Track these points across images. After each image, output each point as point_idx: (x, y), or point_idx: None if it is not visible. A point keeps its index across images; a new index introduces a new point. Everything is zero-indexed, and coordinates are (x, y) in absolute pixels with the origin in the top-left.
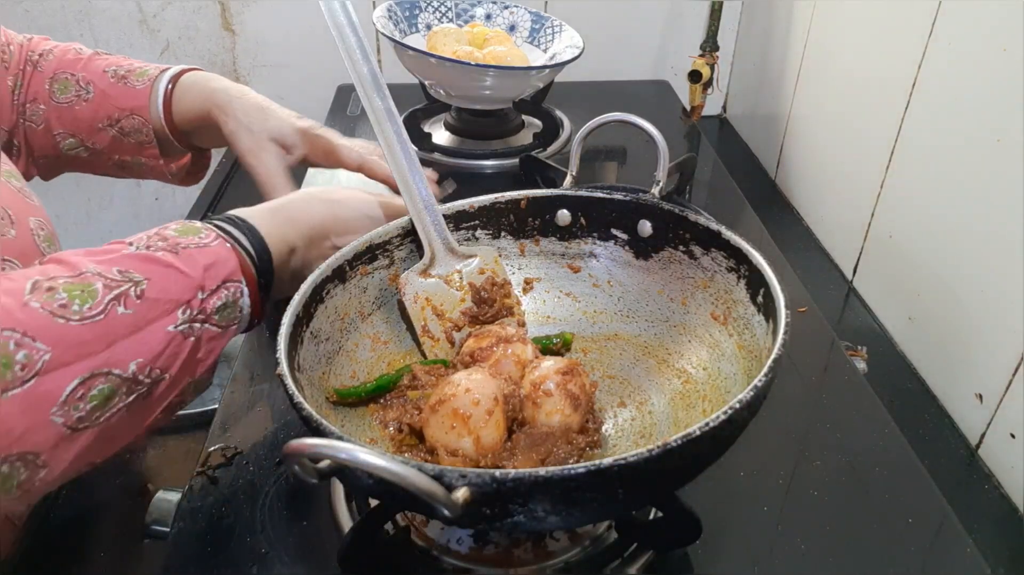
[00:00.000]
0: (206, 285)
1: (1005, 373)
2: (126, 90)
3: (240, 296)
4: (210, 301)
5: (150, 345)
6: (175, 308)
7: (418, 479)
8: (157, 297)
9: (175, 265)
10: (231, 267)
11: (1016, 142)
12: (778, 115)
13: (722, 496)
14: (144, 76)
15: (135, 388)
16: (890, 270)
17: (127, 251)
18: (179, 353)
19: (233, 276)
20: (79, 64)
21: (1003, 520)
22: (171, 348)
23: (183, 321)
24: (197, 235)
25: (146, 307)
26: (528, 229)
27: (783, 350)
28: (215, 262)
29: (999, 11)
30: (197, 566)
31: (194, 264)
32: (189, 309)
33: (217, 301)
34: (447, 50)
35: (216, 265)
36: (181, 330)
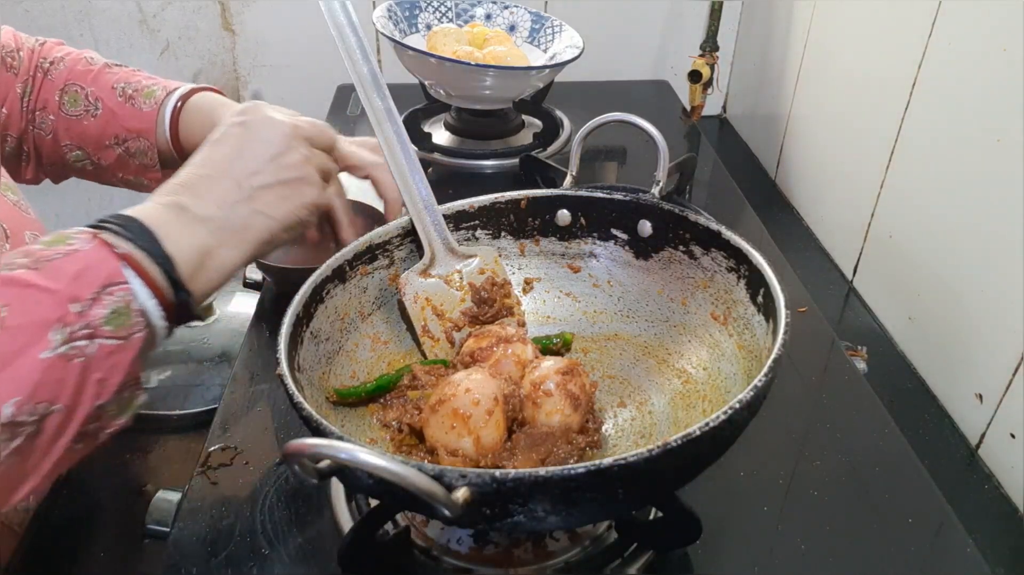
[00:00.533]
0: (80, 295)
1: (1005, 373)
2: (133, 111)
3: (132, 299)
4: (92, 312)
5: (24, 379)
6: (45, 330)
7: (418, 479)
8: (19, 323)
9: (35, 283)
10: (109, 269)
11: (1016, 142)
12: (778, 115)
13: (722, 496)
14: (151, 98)
15: (18, 431)
16: (890, 270)
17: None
18: (65, 379)
19: (114, 278)
20: (89, 77)
21: (1003, 520)
22: (51, 377)
23: (60, 343)
24: (65, 242)
25: (8, 338)
26: (528, 229)
27: (783, 350)
28: (86, 267)
29: (999, 11)
30: (197, 566)
31: (59, 276)
32: (64, 327)
33: (102, 310)
34: (447, 50)
35: (88, 270)
36: (60, 353)
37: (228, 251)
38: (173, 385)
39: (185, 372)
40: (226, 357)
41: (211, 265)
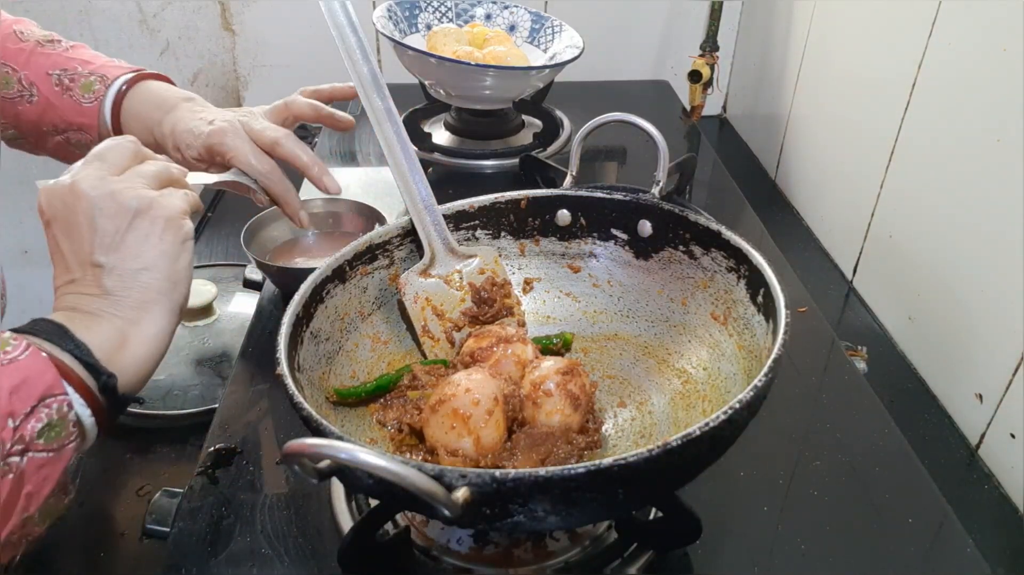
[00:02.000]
0: (16, 410)
1: (1005, 373)
2: (72, 104)
3: (68, 410)
4: (27, 426)
5: None
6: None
7: (418, 479)
8: None
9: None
10: (48, 380)
11: (1016, 142)
12: (778, 115)
13: (722, 496)
14: (90, 91)
15: None
16: (890, 270)
17: None
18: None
19: (53, 390)
20: (22, 58)
21: (1003, 520)
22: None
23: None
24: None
25: None
26: (528, 229)
27: (783, 350)
28: (25, 380)
29: (999, 11)
30: (197, 566)
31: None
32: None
33: (37, 424)
34: (447, 50)
35: (27, 383)
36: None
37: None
38: (173, 385)
39: (185, 372)
40: (226, 357)
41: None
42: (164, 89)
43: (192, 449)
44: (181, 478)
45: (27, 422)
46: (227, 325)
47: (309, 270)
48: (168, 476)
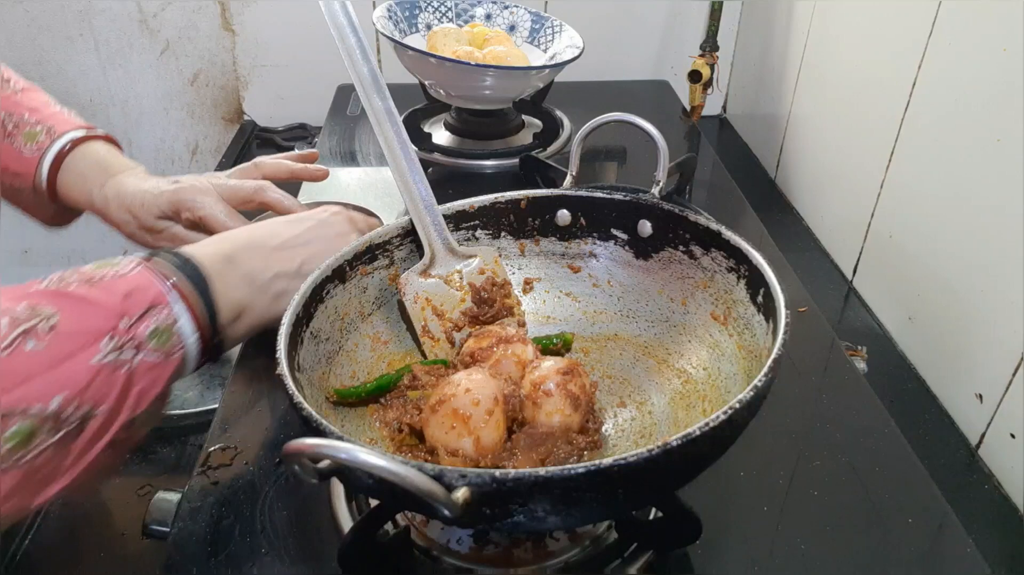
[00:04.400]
0: (129, 311)
1: (1005, 373)
2: (11, 151)
3: (174, 321)
4: (139, 327)
5: (73, 379)
6: (96, 339)
7: (418, 479)
8: (72, 330)
9: (88, 297)
10: (153, 293)
11: (1016, 142)
12: (778, 115)
13: (722, 496)
14: (33, 141)
15: (60, 425)
16: (890, 270)
17: (38, 288)
18: (110, 386)
19: (158, 301)
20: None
21: (1003, 520)
22: (99, 381)
23: (109, 351)
24: (114, 267)
25: (61, 340)
26: (528, 229)
27: (783, 350)
28: (135, 288)
29: (999, 11)
30: (197, 566)
31: (111, 292)
32: (115, 337)
33: (147, 326)
34: (447, 50)
35: (137, 291)
36: (109, 361)
37: (256, 314)
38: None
39: None
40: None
41: (242, 321)
42: (110, 154)
43: (192, 449)
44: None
45: (139, 324)
46: None
47: None
48: (168, 476)
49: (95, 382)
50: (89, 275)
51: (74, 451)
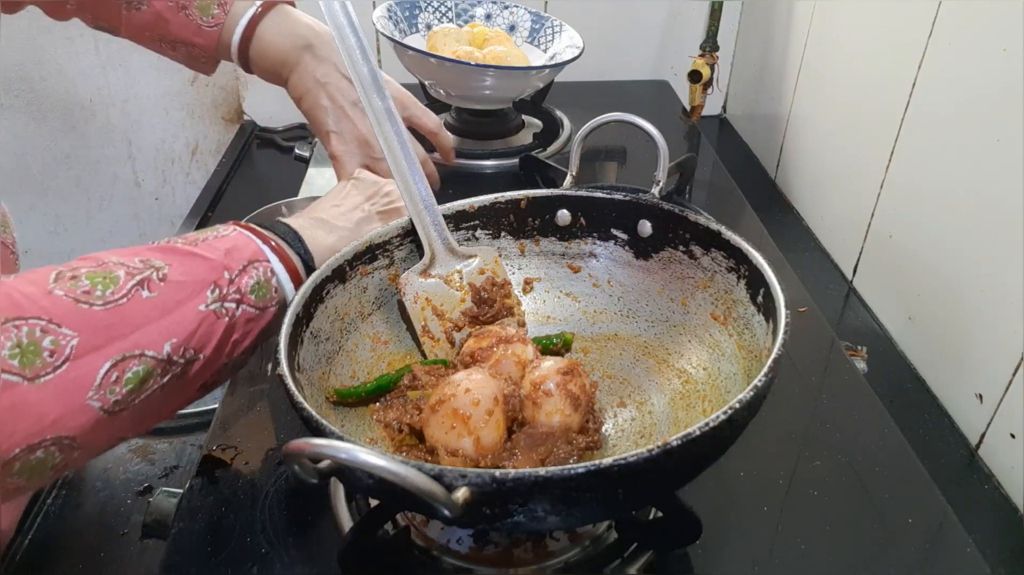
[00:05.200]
0: (231, 266)
1: (1005, 373)
2: (189, 24)
3: (272, 275)
4: (241, 281)
5: (182, 325)
6: (203, 288)
7: (418, 479)
8: (182, 279)
9: (194, 252)
10: (253, 249)
11: (1016, 142)
12: (778, 115)
13: (722, 496)
14: (208, 14)
15: (169, 368)
16: (890, 270)
17: (148, 246)
18: (213, 332)
19: (257, 256)
20: None
21: (1003, 520)
22: (204, 327)
23: (213, 300)
24: (215, 232)
25: (172, 289)
26: (528, 229)
27: (783, 350)
28: (234, 246)
29: (999, 11)
30: (197, 566)
31: (214, 250)
32: (218, 288)
33: (249, 280)
34: (447, 50)
35: (236, 249)
36: (213, 309)
37: None
38: None
39: None
40: None
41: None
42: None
43: (192, 449)
44: (181, 478)
45: (241, 277)
46: None
47: None
48: (168, 476)
49: (200, 328)
50: (192, 238)
51: (176, 392)
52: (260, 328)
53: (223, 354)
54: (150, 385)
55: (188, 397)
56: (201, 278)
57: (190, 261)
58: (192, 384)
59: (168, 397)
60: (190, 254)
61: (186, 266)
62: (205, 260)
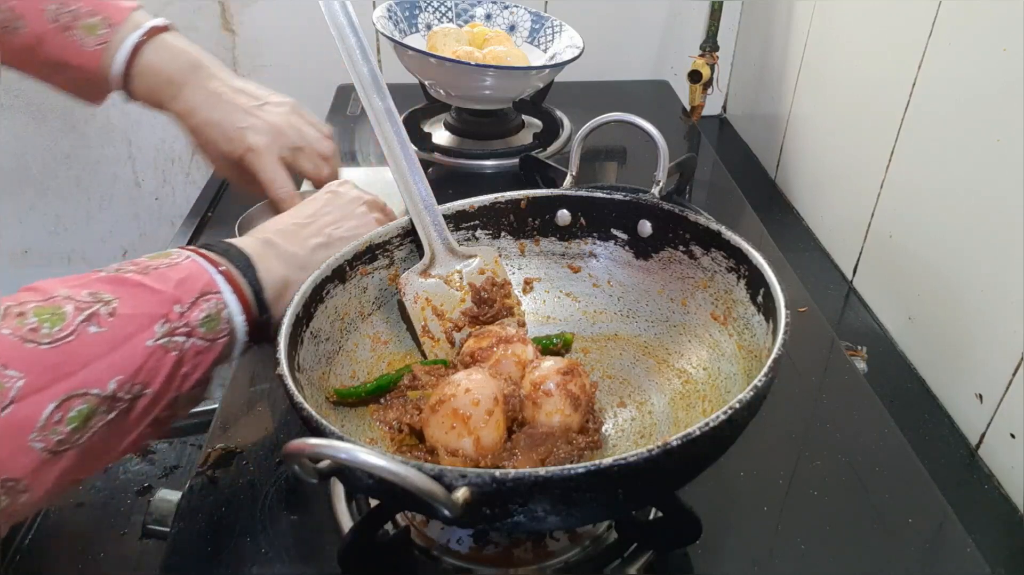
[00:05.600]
0: (182, 299)
1: (1005, 373)
2: (70, 45)
3: (223, 308)
4: (191, 314)
5: (129, 361)
6: (152, 323)
7: (418, 479)
8: (130, 313)
9: (145, 283)
10: (205, 280)
11: (1016, 142)
12: (778, 115)
13: (722, 496)
14: (93, 34)
15: (115, 405)
16: (890, 270)
17: (96, 276)
18: (160, 367)
19: (210, 288)
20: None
21: (1003, 520)
22: (151, 362)
23: (162, 335)
24: (167, 257)
25: (120, 324)
26: (528, 229)
27: (783, 350)
28: (187, 276)
29: (999, 11)
30: (197, 566)
31: (165, 280)
32: (168, 322)
33: (199, 313)
34: (447, 50)
35: (189, 279)
36: (161, 343)
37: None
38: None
39: None
40: None
41: (287, 296)
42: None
43: (192, 449)
44: (181, 478)
45: (191, 311)
46: None
47: None
48: (168, 476)
49: (147, 364)
50: (144, 265)
51: (125, 428)
52: (210, 360)
53: (171, 388)
54: (94, 423)
55: (141, 434)
56: (150, 311)
57: (140, 293)
58: (140, 420)
59: (115, 435)
60: (140, 285)
61: (136, 299)
62: (155, 292)
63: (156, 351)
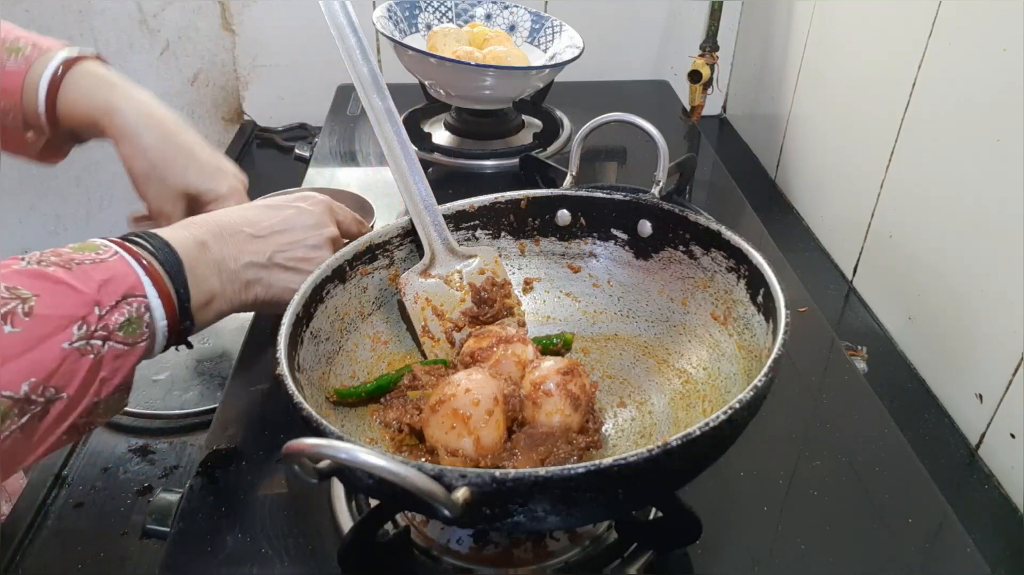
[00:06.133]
0: (103, 301)
1: (1005, 373)
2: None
3: (145, 312)
4: (111, 317)
5: (43, 363)
6: (69, 324)
7: (418, 479)
8: (48, 314)
9: (66, 281)
10: (130, 282)
11: (1016, 142)
12: (778, 115)
13: (722, 496)
14: (18, 54)
15: (28, 408)
16: (890, 270)
17: (17, 267)
18: (76, 371)
19: (134, 291)
20: None
21: (1003, 520)
22: (66, 366)
23: (79, 338)
24: (95, 251)
25: (36, 324)
26: (528, 229)
27: (783, 350)
28: (112, 277)
29: (999, 11)
30: (197, 566)
31: (88, 279)
32: (85, 325)
33: (119, 317)
34: (447, 50)
35: (113, 280)
36: (77, 347)
37: (224, 300)
38: (173, 385)
39: (185, 372)
40: (226, 357)
41: (211, 307)
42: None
43: (192, 449)
44: (181, 478)
45: (112, 314)
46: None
47: None
48: (168, 476)
49: (62, 367)
50: (68, 258)
51: (37, 433)
52: (130, 364)
53: (88, 392)
54: (7, 426)
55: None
56: (68, 313)
57: (60, 292)
58: (55, 425)
59: (30, 438)
60: (61, 282)
61: (55, 298)
62: (75, 292)
63: (71, 354)
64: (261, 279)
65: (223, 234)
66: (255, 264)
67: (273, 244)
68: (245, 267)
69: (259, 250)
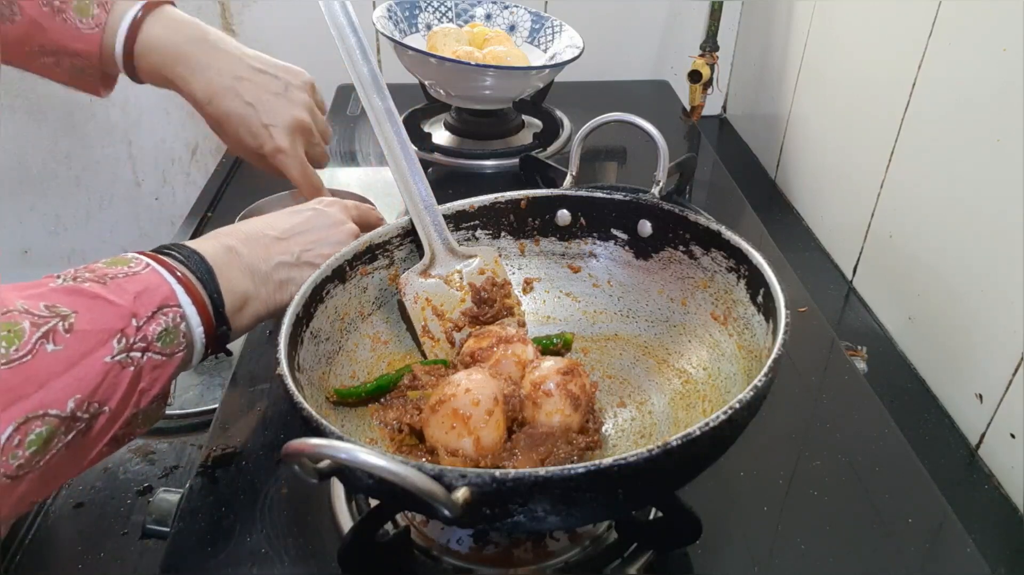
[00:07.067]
0: (139, 312)
1: (1005, 373)
2: (66, 29)
3: (181, 321)
4: (148, 328)
5: (87, 379)
6: (109, 338)
7: (418, 479)
8: (88, 329)
9: (103, 295)
10: (164, 293)
11: (1016, 142)
12: (778, 115)
13: (722, 496)
14: (86, 15)
15: (74, 426)
16: (890, 270)
17: (53, 285)
18: (118, 384)
19: (168, 301)
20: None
21: (1003, 520)
22: (108, 379)
23: (119, 351)
24: (126, 265)
25: (77, 340)
26: (528, 229)
27: (783, 350)
28: (145, 289)
29: (999, 11)
30: (197, 566)
31: (123, 292)
32: (124, 338)
33: (156, 327)
34: (447, 50)
35: (147, 292)
36: (118, 360)
37: (260, 303)
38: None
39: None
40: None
41: (247, 311)
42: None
43: (192, 449)
44: (181, 478)
45: (149, 324)
46: None
47: None
48: (168, 476)
49: (105, 381)
50: (101, 273)
51: (83, 448)
52: (167, 374)
53: (129, 404)
54: (54, 445)
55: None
56: (108, 327)
57: (98, 307)
58: (98, 439)
59: (74, 455)
60: (98, 297)
61: (93, 312)
62: (112, 306)
63: (113, 368)
64: (293, 278)
65: (249, 240)
66: (286, 264)
67: (299, 244)
68: (276, 268)
69: (287, 250)
